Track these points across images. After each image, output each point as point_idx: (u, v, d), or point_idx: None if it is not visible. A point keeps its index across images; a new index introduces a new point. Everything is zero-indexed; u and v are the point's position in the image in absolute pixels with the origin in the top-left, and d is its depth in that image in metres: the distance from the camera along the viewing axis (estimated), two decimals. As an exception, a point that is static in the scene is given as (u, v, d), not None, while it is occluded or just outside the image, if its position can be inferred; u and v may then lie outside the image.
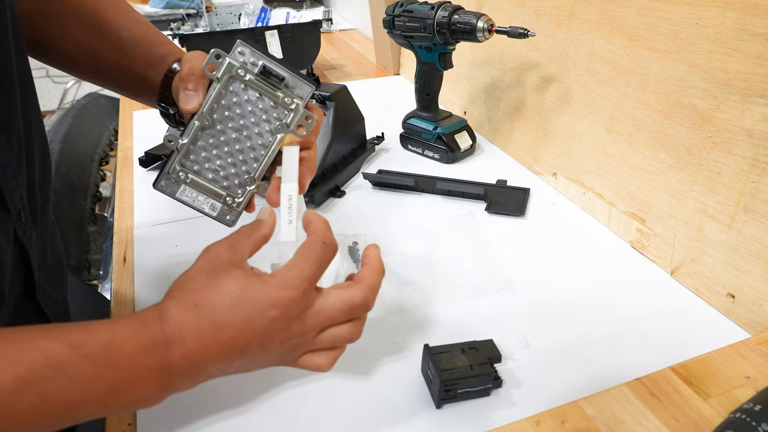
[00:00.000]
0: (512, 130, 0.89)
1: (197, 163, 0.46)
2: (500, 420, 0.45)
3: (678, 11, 0.58)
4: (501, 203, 0.76)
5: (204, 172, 0.46)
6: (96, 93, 1.52)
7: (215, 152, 0.46)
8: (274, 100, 0.45)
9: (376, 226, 0.72)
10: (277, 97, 0.45)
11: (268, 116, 0.46)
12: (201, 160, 0.46)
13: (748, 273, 0.54)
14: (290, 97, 0.46)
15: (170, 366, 0.37)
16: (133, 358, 0.36)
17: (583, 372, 0.50)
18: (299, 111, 0.46)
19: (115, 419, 0.47)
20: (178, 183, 0.46)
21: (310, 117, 0.46)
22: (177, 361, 0.37)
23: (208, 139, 0.46)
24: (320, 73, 1.31)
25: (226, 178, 0.47)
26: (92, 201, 1.19)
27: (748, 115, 0.53)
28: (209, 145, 0.46)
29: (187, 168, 0.46)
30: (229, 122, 0.45)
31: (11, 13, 0.42)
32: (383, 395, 0.48)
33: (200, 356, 0.38)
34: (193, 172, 0.46)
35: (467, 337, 0.50)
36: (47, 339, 0.34)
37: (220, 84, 0.44)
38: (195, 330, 0.37)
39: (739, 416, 0.36)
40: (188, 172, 0.46)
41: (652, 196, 0.64)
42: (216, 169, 0.46)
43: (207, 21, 1.48)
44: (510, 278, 0.62)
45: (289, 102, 0.45)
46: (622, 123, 0.68)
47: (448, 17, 0.76)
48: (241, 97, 0.45)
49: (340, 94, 0.82)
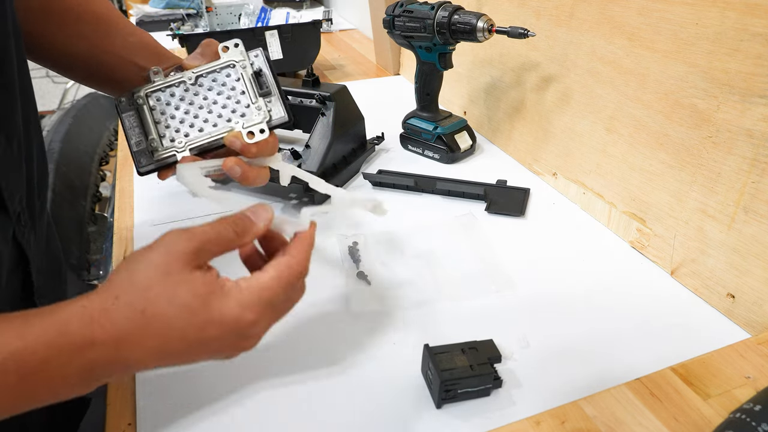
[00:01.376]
0: (512, 130, 0.89)
1: (159, 104, 0.48)
2: (500, 420, 0.45)
3: (678, 11, 0.58)
4: (501, 203, 0.76)
5: (156, 112, 0.48)
6: (96, 93, 1.52)
7: (177, 106, 0.48)
8: (251, 102, 0.48)
9: (376, 226, 0.72)
10: (255, 101, 0.48)
11: (237, 109, 0.48)
12: (163, 103, 0.48)
13: (748, 273, 0.54)
14: (264, 110, 0.48)
15: (94, 366, 0.34)
16: (47, 364, 0.32)
17: (583, 372, 0.50)
18: (262, 122, 0.48)
19: (115, 419, 0.47)
20: (131, 106, 0.48)
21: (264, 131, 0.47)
22: (103, 362, 0.34)
23: (181, 92, 0.48)
24: (320, 73, 1.31)
25: (167, 129, 0.48)
26: (92, 201, 1.19)
27: (748, 115, 0.53)
28: (177, 99, 0.48)
29: (149, 100, 0.48)
30: (206, 92, 0.48)
31: (12, 17, 0.42)
32: (383, 395, 0.48)
33: (135, 360, 0.35)
34: (148, 105, 0.48)
35: (467, 337, 0.50)
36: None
37: (221, 62, 0.48)
38: (138, 338, 0.34)
39: (739, 416, 0.36)
40: (146, 103, 0.48)
41: (652, 196, 0.64)
42: (168, 117, 0.48)
43: (207, 21, 1.48)
44: (510, 278, 0.62)
45: (260, 112, 0.48)
46: (622, 123, 0.68)
47: (448, 17, 0.77)
48: (229, 81, 0.48)
49: (340, 94, 0.82)
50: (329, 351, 0.53)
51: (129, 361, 0.35)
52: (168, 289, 0.35)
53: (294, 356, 0.52)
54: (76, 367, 0.33)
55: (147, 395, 0.49)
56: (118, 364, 0.34)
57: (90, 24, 0.53)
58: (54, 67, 0.56)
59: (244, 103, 0.48)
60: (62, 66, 0.56)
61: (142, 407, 0.48)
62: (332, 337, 0.55)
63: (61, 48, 0.54)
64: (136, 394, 0.49)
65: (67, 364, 0.33)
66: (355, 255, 0.66)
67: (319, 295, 0.60)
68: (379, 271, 0.64)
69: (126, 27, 0.54)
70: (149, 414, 0.47)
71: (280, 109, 0.48)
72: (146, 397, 0.48)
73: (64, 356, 0.32)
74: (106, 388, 0.50)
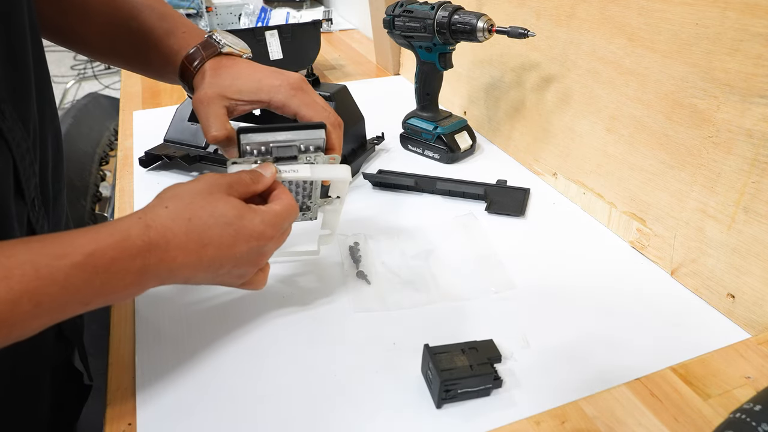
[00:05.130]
0: (512, 130, 0.89)
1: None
2: (500, 420, 0.45)
3: (678, 11, 0.58)
4: (501, 203, 0.76)
5: None
6: (96, 93, 1.52)
7: None
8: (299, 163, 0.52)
9: (376, 226, 0.72)
10: (299, 161, 0.52)
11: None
12: None
13: (748, 273, 0.54)
14: (310, 154, 0.52)
15: (148, 269, 0.40)
16: (116, 263, 0.38)
17: (583, 372, 0.50)
18: (323, 159, 0.53)
19: (115, 419, 0.47)
20: None
21: (333, 158, 0.53)
22: (155, 265, 0.40)
23: None
24: (320, 73, 1.31)
25: None
26: (92, 201, 1.19)
27: (748, 115, 0.53)
28: None
29: None
30: None
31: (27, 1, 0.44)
32: (383, 395, 0.48)
33: (178, 264, 0.42)
34: None
35: (467, 337, 0.50)
36: (33, 253, 0.36)
37: None
38: (183, 242, 0.41)
39: (739, 416, 0.36)
40: None
41: (652, 197, 0.64)
42: None
43: (207, 21, 1.49)
44: (510, 278, 0.62)
45: (311, 158, 0.52)
46: (622, 123, 0.68)
47: (448, 17, 0.76)
48: None
49: (340, 94, 0.82)
50: (329, 351, 0.53)
51: (173, 264, 0.41)
52: (210, 204, 0.43)
53: (294, 356, 0.52)
54: (136, 268, 0.39)
55: (147, 395, 0.49)
56: (164, 265, 0.41)
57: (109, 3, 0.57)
58: (77, 47, 0.61)
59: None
60: (83, 47, 0.61)
61: (142, 407, 0.48)
62: (332, 337, 0.55)
63: (80, 30, 0.58)
64: (136, 394, 0.49)
65: (130, 264, 0.39)
66: (355, 255, 0.65)
67: (320, 295, 0.60)
68: (379, 271, 0.64)
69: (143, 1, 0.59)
70: (149, 414, 0.47)
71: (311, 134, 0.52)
72: (146, 397, 0.48)
73: (126, 257, 0.39)
74: (106, 388, 0.50)
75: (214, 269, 0.44)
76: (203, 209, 0.43)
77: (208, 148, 0.85)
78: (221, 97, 0.53)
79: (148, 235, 0.40)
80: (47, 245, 0.37)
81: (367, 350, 0.53)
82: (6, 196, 0.41)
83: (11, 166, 0.42)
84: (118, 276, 0.39)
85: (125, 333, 0.56)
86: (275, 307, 0.58)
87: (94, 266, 0.37)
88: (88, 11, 0.57)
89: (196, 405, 0.48)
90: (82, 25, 0.57)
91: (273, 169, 0.50)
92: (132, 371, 0.51)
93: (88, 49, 0.61)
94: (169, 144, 0.88)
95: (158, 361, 0.52)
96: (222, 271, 0.45)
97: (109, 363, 0.53)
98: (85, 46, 0.60)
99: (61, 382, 0.56)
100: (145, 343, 0.54)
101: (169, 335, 0.55)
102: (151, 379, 0.50)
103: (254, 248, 0.45)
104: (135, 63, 0.61)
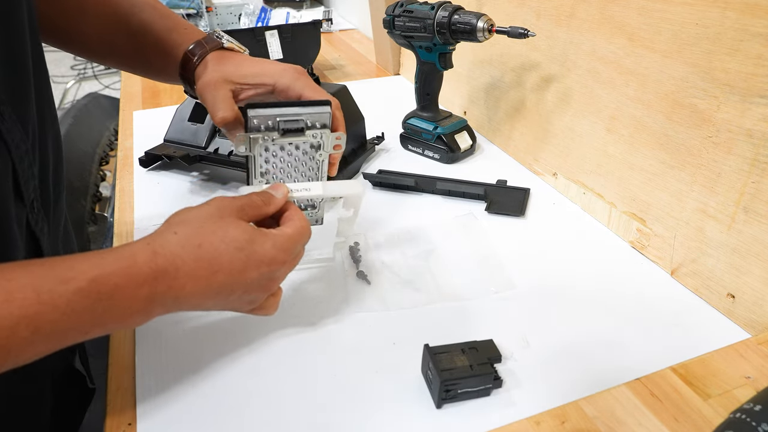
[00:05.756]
0: (512, 130, 0.89)
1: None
2: (500, 420, 0.45)
3: (678, 11, 0.58)
4: (501, 203, 0.76)
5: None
6: (96, 93, 1.52)
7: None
8: (305, 140, 0.52)
9: (376, 226, 0.72)
10: (306, 136, 0.52)
11: (306, 151, 0.53)
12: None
13: (748, 273, 0.54)
14: (316, 130, 0.52)
15: (155, 297, 0.39)
16: (120, 290, 0.37)
17: (583, 372, 0.50)
18: (329, 137, 0.53)
19: (115, 419, 0.47)
20: None
21: (339, 137, 0.53)
22: (163, 293, 0.39)
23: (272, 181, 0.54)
24: (320, 73, 1.31)
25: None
26: (92, 201, 1.19)
27: (748, 115, 0.53)
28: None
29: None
30: (279, 171, 0.54)
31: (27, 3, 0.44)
32: (383, 395, 0.48)
33: (186, 293, 0.40)
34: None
35: (467, 337, 0.50)
36: (35, 276, 0.35)
37: (256, 155, 0.52)
38: (192, 269, 0.40)
39: (739, 416, 0.36)
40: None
41: (652, 196, 0.64)
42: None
43: (207, 21, 1.49)
44: (510, 278, 0.62)
45: (318, 135, 0.52)
46: (622, 123, 0.68)
47: (448, 17, 0.76)
48: (278, 151, 0.53)
49: (340, 94, 0.82)
50: (329, 351, 0.53)
51: (182, 292, 0.40)
52: (221, 228, 0.42)
53: (294, 356, 0.52)
54: (143, 295, 0.38)
55: (147, 395, 0.49)
56: (172, 293, 0.40)
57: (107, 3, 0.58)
58: (74, 49, 0.61)
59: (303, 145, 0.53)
60: (81, 49, 0.61)
61: (142, 407, 0.48)
62: (332, 337, 0.55)
63: (78, 30, 0.58)
64: (136, 394, 0.49)
65: (136, 291, 0.38)
66: (355, 255, 0.66)
67: (320, 295, 0.60)
68: (379, 271, 0.64)
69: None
70: (149, 414, 0.47)
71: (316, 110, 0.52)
72: (146, 397, 0.48)
73: (132, 285, 0.38)
74: (106, 388, 0.50)
75: (224, 296, 0.43)
76: (214, 234, 0.42)
77: (208, 148, 0.84)
78: (227, 81, 0.53)
79: (156, 262, 0.39)
80: (49, 269, 0.36)
81: (367, 350, 0.53)
82: (5, 199, 0.41)
83: (10, 169, 0.41)
84: (123, 304, 0.38)
85: (125, 334, 0.56)
86: (275, 307, 0.58)
87: (98, 292, 0.36)
88: (87, 10, 0.57)
89: (197, 405, 0.48)
90: (81, 24, 0.57)
91: (285, 190, 0.49)
92: (132, 372, 0.51)
93: (86, 49, 0.61)
94: (169, 144, 0.88)
95: (158, 361, 0.52)
96: (232, 297, 0.44)
97: (109, 363, 0.53)
98: (83, 46, 0.60)
99: (62, 386, 0.56)
100: (145, 343, 0.54)
101: (169, 336, 0.55)
102: (151, 380, 0.50)
103: (265, 274, 0.44)
104: (134, 61, 0.61)
